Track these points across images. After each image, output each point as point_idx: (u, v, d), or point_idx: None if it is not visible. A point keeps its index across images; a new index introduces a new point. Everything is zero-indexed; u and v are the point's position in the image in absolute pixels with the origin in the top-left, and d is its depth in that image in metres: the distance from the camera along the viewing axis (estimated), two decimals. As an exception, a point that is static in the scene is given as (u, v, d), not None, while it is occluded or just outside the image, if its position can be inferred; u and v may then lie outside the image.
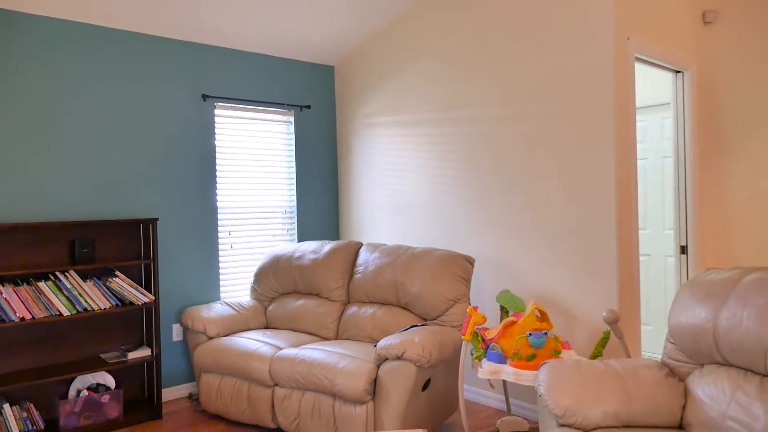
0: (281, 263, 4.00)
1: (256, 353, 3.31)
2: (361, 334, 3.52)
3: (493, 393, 3.65)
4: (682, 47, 3.65)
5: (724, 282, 2.16)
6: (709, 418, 2.02)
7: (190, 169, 4.03)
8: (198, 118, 4.07)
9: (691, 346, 2.22)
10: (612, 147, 3.06)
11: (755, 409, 1.88)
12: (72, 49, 3.54)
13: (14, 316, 3.11)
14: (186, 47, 4.00)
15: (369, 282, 3.63)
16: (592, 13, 3.11)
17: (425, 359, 2.80)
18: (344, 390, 2.89)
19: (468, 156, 3.78)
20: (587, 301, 3.18)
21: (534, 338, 2.69)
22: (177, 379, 3.99)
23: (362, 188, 4.60)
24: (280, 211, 4.54)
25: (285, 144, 4.57)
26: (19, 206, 3.37)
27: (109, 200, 3.69)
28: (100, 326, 3.64)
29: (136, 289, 3.54)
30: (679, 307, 2.29)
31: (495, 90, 3.60)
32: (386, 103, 4.37)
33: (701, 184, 3.81)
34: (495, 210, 3.63)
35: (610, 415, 2.12)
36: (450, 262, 3.37)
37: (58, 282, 3.32)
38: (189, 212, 4.02)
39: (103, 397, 3.43)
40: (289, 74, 4.56)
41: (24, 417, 3.25)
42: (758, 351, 1.93)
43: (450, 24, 3.85)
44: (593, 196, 3.14)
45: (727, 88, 3.76)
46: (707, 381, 2.11)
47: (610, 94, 3.06)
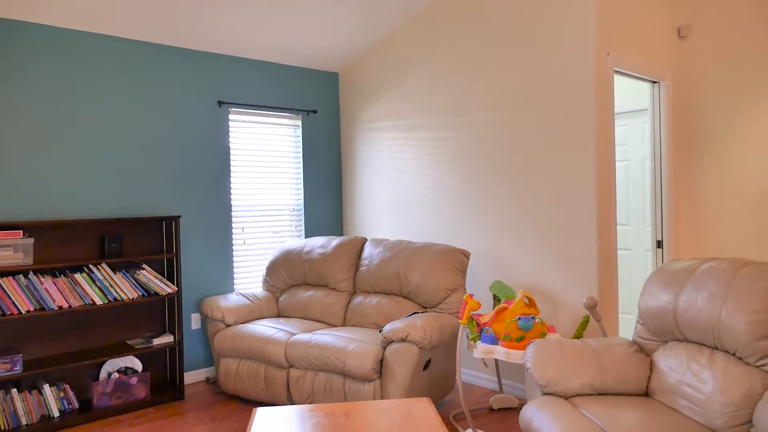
0: (291, 257, 4.34)
1: (272, 338, 3.65)
2: (367, 321, 3.87)
3: (486, 375, 4.01)
4: (658, 60, 4.01)
5: (683, 271, 2.52)
6: (669, 384, 2.39)
7: (207, 170, 4.36)
8: (214, 123, 4.39)
9: (657, 326, 2.58)
10: (593, 151, 3.42)
11: (705, 376, 2.24)
12: (103, 61, 3.86)
13: (53, 304, 3.44)
14: (203, 57, 4.33)
15: (374, 274, 3.97)
16: (575, 31, 3.46)
17: (426, 341, 3.15)
18: (354, 369, 3.24)
19: (463, 158, 4.13)
20: (570, 289, 3.54)
21: (522, 322, 3.05)
22: (195, 365, 4.32)
23: (365, 187, 4.94)
24: (289, 208, 4.88)
25: (293, 146, 4.90)
26: (55, 206, 3.69)
27: (135, 199, 4.01)
28: (127, 315, 3.97)
29: (160, 280, 3.87)
30: (647, 293, 2.65)
31: (487, 98, 3.95)
32: (387, 108, 4.71)
33: (675, 184, 4.18)
34: (488, 208, 3.98)
35: (586, 385, 2.48)
36: (447, 256, 3.72)
37: (92, 274, 3.64)
38: (206, 210, 4.35)
39: (131, 379, 3.76)
40: (296, 81, 4.89)
41: (61, 397, 3.58)
42: (708, 328, 2.29)
43: (447, 37, 4.19)
44: (576, 195, 3.50)
45: (700, 96, 4.12)
46: (668, 355, 2.47)
47: (591, 103, 3.41)
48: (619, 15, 3.60)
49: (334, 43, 4.59)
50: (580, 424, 2.17)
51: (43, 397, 3.49)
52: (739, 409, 2.07)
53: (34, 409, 3.43)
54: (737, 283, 2.23)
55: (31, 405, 3.42)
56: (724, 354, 2.25)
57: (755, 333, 2.11)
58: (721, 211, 4.03)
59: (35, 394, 3.45)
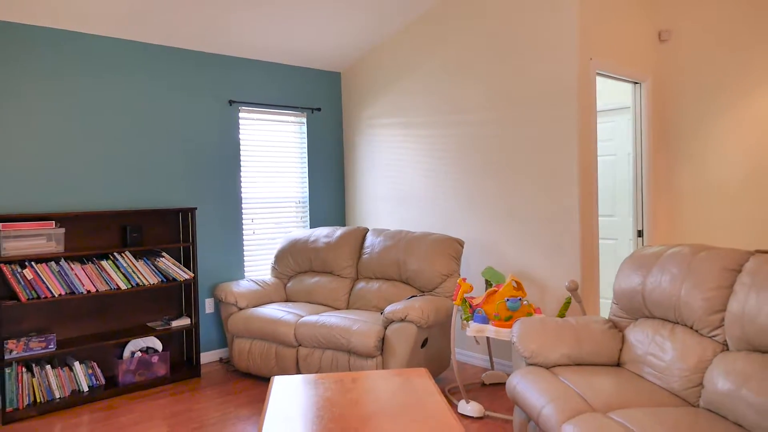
0: (298, 246, 4.66)
1: (282, 320, 3.97)
2: (369, 305, 4.19)
3: (478, 354, 4.34)
4: (639, 62, 4.32)
5: (652, 255, 2.84)
6: (637, 355, 2.72)
7: (219, 166, 4.67)
8: (225, 121, 4.70)
9: (628, 305, 2.91)
10: (576, 147, 3.73)
11: (666, 347, 2.57)
12: (125, 65, 4.16)
13: (83, 288, 3.76)
14: (216, 59, 4.62)
15: (375, 261, 4.30)
16: (560, 37, 3.76)
17: (424, 320, 3.48)
18: (358, 347, 3.57)
19: (458, 154, 4.44)
20: (555, 274, 3.87)
21: (511, 303, 3.37)
22: (209, 346, 4.65)
23: (366, 181, 5.26)
24: (295, 200, 5.19)
25: (298, 142, 5.21)
26: (83, 199, 4.00)
27: (153, 192, 4.32)
28: (148, 299, 4.29)
29: (178, 267, 4.19)
30: (621, 276, 2.97)
31: (480, 98, 4.26)
32: (387, 106, 5.02)
33: (655, 178, 4.50)
34: (481, 200, 4.30)
35: (565, 356, 2.81)
36: (443, 244, 4.05)
37: (116, 261, 3.96)
38: (218, 202, 4.66)
39: (153, 358, 4.09)
40: (301, 80, 5.19)
41: (89, 373, 3.90)
42: (670, 305, 2.61)
43: (442, 41, 4.49)
44: (561, 188, 3.82)
45: (678, 96, 4.43)
46: (637, 330, 2.80)
47: (575, 104, 3.72)
48: (601, 22, 3.90)
49: (336, 45, 4.89)
50: (559, 389, 2.50)
51: (73, 373, 3.81)
52: (693, 373, 2.40)
53: (65, 384, 3.75)
54: (695, 266, 2.55)
55: (63, 380, 3.74)
56: (683, 327, 2.58)
57: (709, 308, 2.44)
58: (696, 202, 4.35)
59: (66, 371, 3.78)
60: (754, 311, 2.17)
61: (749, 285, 2.25)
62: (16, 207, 3.74)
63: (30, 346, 3.59)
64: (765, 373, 2.06)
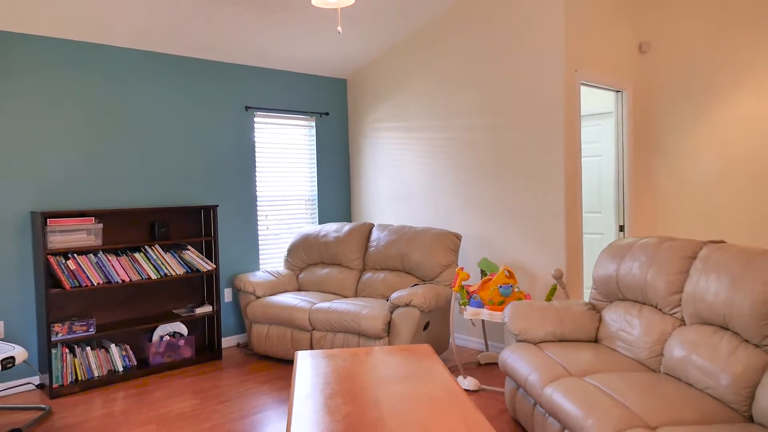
0: (309, 240, 5.08)
1: (297, 307, 4.39)
2: (376, 293, 4.62)
3: (475, 338, 4.77)
4: (621, 72, 4.74)
5: (625, 246, 3.27)
6: (611, 332, 3.15)
7: (237, 166, 5.08)
8: (242, 126, 5.11)
9: (605, 289, 3.34)
10: (562, 150, 4.16)
11: (635, 324, 3.00)
12: (150, 75, 4.56)
13: (118, 278, 4.17)
14: (233, 68, 5.03)
15: (381, 253, 4.72)
16: (548, 51, 4.18)
17: (426, 305, 3.91)
18: (367, 329, 3.99)
19: (455, 155, 4.86)
20: (543, 264, 4.30)
21: (503, 289, 3.80)
22: (228, 332, 5.07)
23: (371, 180, 5.68)
24: (305, 198, 5.61)
25: (308, 144, 5.63)
26: (117, 197, 4.41)
27: (178, 191, 4.74)
28: (174, 288, 4.71)
29: (202, 259, 4.60)
30: (599, 264, 3.40)
31: (475, 104, 4.68)
32: (390, 111, 5.44)
33: (635, 177, 4.93)
34: (476, 197, 4.72)
35: (549, 334, 3.24)
36: (443, 238, 4.47)
37: (147, 253, 4.37)
38: (236, 200, 5.08)
39: (179, 342, 4.50)
40: (311, 87, 5.60)
41: (123, 355, 4.32)
42: (639, 289, 3.04)
43: (440, 53, 4.91)
44: (547, 187, 4.24)
45: (657, 103, 4.86)
46: (612, 311, 3.23)
47: (561, 111, 4.14)
48: (586, 36, 4.32)
49: (343, 54, 5.30)
50: (543, 360, 2.92)
51: (110, 355, 4.23)
52: (656, 344, 2.83)
53: (103, 364, 4.17)
54: (659, 254, 2.98)
55: (101, 360, 4.16)
56: (649, 307, 3.01)
57: (670, 290, 2.87)
58: (673, 199, 4.79)
59: (103, 352, 4.19)
60: (703, 291, 2.60)
61: (700, 269, 2.68)
62: (61, 205, 4.15)
63: (73, 330, 4.01)
64: (710, 341, 2.49)
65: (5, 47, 3.91)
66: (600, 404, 2.31)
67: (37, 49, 4.04)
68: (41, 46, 4.05)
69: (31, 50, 4.01)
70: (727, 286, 2.45)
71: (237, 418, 3.46)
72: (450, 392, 2.38)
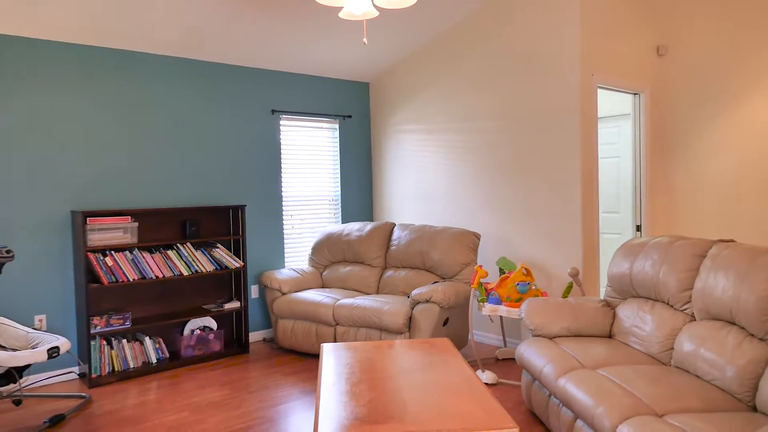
0: (333, 239, 5.26)
1: (321, 303, 4.57)
2: (397, 290, 4.78)
3: (493, 334, 4.90)
4: (638, 75, 4.83)
5: (638, 245, 3.38)
6: (624, 327, 3.26)
7: (263, 168, 5.28)
8: (268, 129, 5.31)
9: (619, 287, 3.45)
10: (578, 153, 4.27)
11: (647, 319, 3.11)
12: (183, 81, 4.79)
13: (152, 274, 4.39)
14: (260, 73, 5.24)
15: (402, 252, 4.88)
16: (564, 57, 4.30)
17: (445, 302, 4.06)
18: (389, 324, 4.15)
19: (474, 157, 5.00)
20: (560, 263, 4.42)
21: (520, 287, 3.93)
22: (254, 327, 5.27)
23: (393, 180, 5.84)
24: (328, 198, 5.79)
25: (332, 146, 5.81)
26: (151, 197, 4.64)
27: (208, 192, 4.95)
28: (203, 284, 4.92)
29: (230, 257, 4.81)
30: (613, 263, 3.51)
31: (494, 108, 4.81)
32: (411, 114, 5.59)
33: (652, 178, 5.02)
34: (495, 198, 4.85)
35: (564, 329, 3.36)
36: (462, 237, 4.61)
37: (179, 251, 4.59)
38: (262, 200, 5.28)
39: (209, 335, 4.71)
40: (334, 90, 5.79)
41: (156, 348, 4.54)
42: (651, 286, 3.15)
43: (460, 57, 5.05)
44: (564, 188, 4.36)
45: (674, 105, 4.94)
46: (626, 307, 3.35)
47: (577, 114, 4.26)
48: (602, 40, 4.43)
49: (366, 58, 5.47)
50: (557, 353, 3.05)
51: (144, 347, 4.45)
52: (667, 339, 2.94)
53: (138, 356, 4.39)
54: (671, 253, 3.09)
55: (136, 352, 4.38)
56: (661, 304, 3.12)
57: (680, 287, 2.98)
58: (689, 199, 4.86)
59: (138, 345, 4.42)
60: (712, 287, 2.70)
61: (709, 267, 2.78)
62: (99, 204, 4.39)
63: (110, 323, 4.24)
64: (717, 336, 2.60)
65: (49, 56, 4.15)
66: (610, 393, 2.44)
67: (78, 58, 4.28)
68: (82, 54, 4.29)
69: (72, 58, 4.26)
70: (734, 282, 2.55)
71: (265, 407, 3.65)
72: (467, 381, 2.53)
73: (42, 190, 4.15)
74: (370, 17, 2.54)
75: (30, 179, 4.10)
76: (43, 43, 4.13)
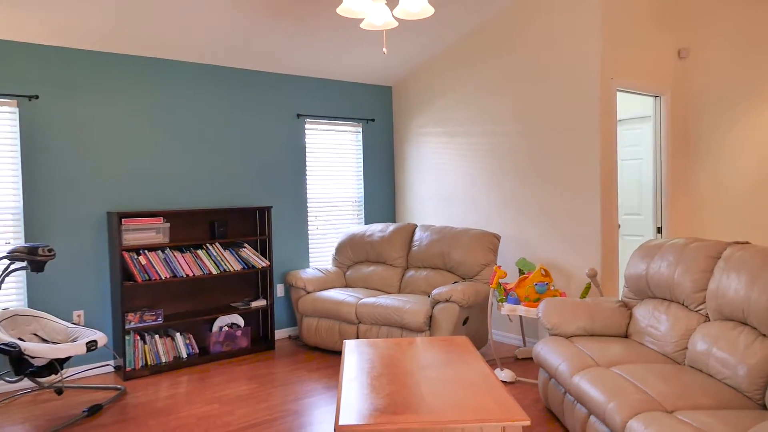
0: (356, 239, 5.39)
1: (344, 302, 4.70)
2: (418, 289, 4.89)
3: (512, 334, 4.97)
4: (659, 77, 4.86)
5: (655, 247, 3.44)
6: (640, 327, 3.32)
7: (289, 170, 5.45)
8: (294, 132, 5.47)
9: (636, 287, 3.51)
10: (597, 156, 4.33)
11: (662, 320, 3.17)
12: (212, 87, 4.98)
13: (183, 272, 4.57)
14: (286, 79, 5.40)
15: (423, 253, 4.99)
16: (584, 60, 4.36)
17: (465, 301, 4.15)
18: (410, 323, 4.26)
19: (494, 160, 5.08)
20: (579, 264, 4.48)
21: (539, 287, 4.01)
22: (280, 325, 5.43)
23: (414, 182, 5.95)
24: (352, 200, 5.93)
25: (355, 149, 5.95)
26: (181, 199, 4.83)
27: (236, 193, 5.13)
28: (231, 283, 5.10)
29: (257, 256, 4.98)
30: (630, 264, 3.57)
31: (513, 111, 4.89)
32: (433, 117, 5.70)
33: (673, 180, 5.04)
34: (515, 199, 4.93)
35: (581, 328, 3.44)
36: (482, 238, 4.70)
37: (208, 250, 4.78)
38: (288, 201, 5.44)
39: (237, 332, 4.89)
40: (358, 94, 5.93)
41: (186, 343, 4.73)
42: (667, 287, 3.21)
43: (480, 61, 5.14)
44: (583, 190, 4.42)
45: (696, 107, 4.95)
46: (642, 307, 3.40)
47: (596, 117, 4.32)
48: (623, 43, 4.48)
49: (388, 63, 5.60)
50: (573, 352, 3.13)
51: (175, 343, 4.64)
52: (681, 339, 3.00)
53: (169, 351, 4.59)
54: (686, 254, 3.14)
55: (167, 347, 4.58)
56: (676, 304, 3.17)
57: (695, 288, 3.03)
58: (709, 202, 4.87)
59: (169, 340, 4.61)
60: (725, 288, 2.76)
61: (723, 268, 2.83)
62: (132, 206, 4.60)
63: (144, 319, 4.43)
64: (729, 335, 2.65)
65: (88, 65, 4.38)
66: (622, 390, 2.51)
67: (115, 67, 4.50)
68: (117, 63, 4.51)
69: (109, 67, 4.47)
70: (746, 283, 2.61)
71: (290, 401, 3.79)
72: (483, 377, 2.63)
73: (80, 192, 4.37)
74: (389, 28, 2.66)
75: (69, 183, 4.33)
76: (80, 53, 4.35)
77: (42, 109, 4.20)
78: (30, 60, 4.15)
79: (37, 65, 4.18)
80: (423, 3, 2.51)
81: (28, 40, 4.11)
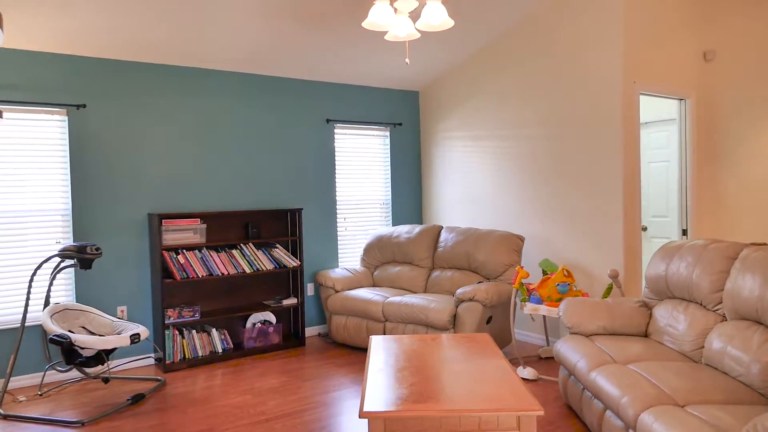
0: (383, 240, 5.56)
1: (372, 300, 4.87)
2: (443, 289, 5.02)
3: (535, 333, 5.07)
4: (684, 80, 4.90)
5: (674, 248, 3.51)
6: (659, 327, 3.40)
7: (319, 173, 5.65)
8: (323, 137, 5.67)
9: (655, 288, 3.58)
10: (620, 158, 4.40)
11: (681, 319, 3.24)
12: (246, 95, 5.21)
13: (218, 271, 4.81)
14: (316, 85, 5.61)
15: (448, 253, 5.12)
16: (607, 65, 4.44)
17: (488, 300, 4.28)
18: (434, 321, 4.40)
19: (519, 163, 5.19)
20: (601, 265, 4.55)
21: (561, 287, 4.11)
22: (310, 323, 5.63)
23: (440, 185, 6.09)
24: (379, 202, 6.10)
25: (383, 152, 6.12)
26: (217, 201, 5.08)
27: (268, 196, 5.35)
28: (263, 282, 5.32)
29: (288, 256, 5.18)
30: (651, 264, 3.65)
31: (537, 115, 4.99)
32: (459, 121, 5.83)
33: (699, 183, 5.06)
34: (538, 202, 5.03)
35: (601, 327, 3.53)
36: (506, 239, 4.81)
37: (242, 250, 5.00)
38: (318, 203, 5.64)
39: (269, 329, 5.10)
40: (385, 100, 6.10)
41: (222, 339, 4.95)
42: (685, 287, 3.28)
43: (505, 67, 5.26)
44: (606, 193, 4.49)
45: (721, 110, 4.97)
46: (661, 307, 3.48)
47: (619, 121, 4.39)
48: (646, 47, 4.54)
49: (415, 69, 5.75)
50: (592, 350, 3.23)
51: (211, 338, 4.88)
52: (698, 338, 3.07)
53: (206, 345, 4.82)
54: (705, 255, 3.21)
55: (204, 342, 4.81)
56: (695, 304, 3.24)
57: (713, 288, 3.10)
58: (735, 204, 4.88)
59: (206, 335, 4.85)
60: (740, 288, 2.83)
61: (739, 269, 2.90)
62: (172, 208, 4.86)
63: (182, 315, 4.68)
64: (744, 334, 2.73)
65: (128, 75, 4.65)
66: (636, 385, 2.61)
67: (155, 76, 4.76)
68: (157, 72, 4.77)
69: (150, 76, 4.74)
70: (759, 284, 2.68)
71: (320, 393, 3.97)
72: (501, 371, 2.76)
73: (123, 195, 4.64)
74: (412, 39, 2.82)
75: (114, 186, 4.60)
76: (125, 64, 4.62)
77: (89, 118, 4.48)
78: (78, 71, 4.44)
79: (84, 76, 4.46)
80: (443, 16, 2.66)
81: (78, 53, 4.40)
